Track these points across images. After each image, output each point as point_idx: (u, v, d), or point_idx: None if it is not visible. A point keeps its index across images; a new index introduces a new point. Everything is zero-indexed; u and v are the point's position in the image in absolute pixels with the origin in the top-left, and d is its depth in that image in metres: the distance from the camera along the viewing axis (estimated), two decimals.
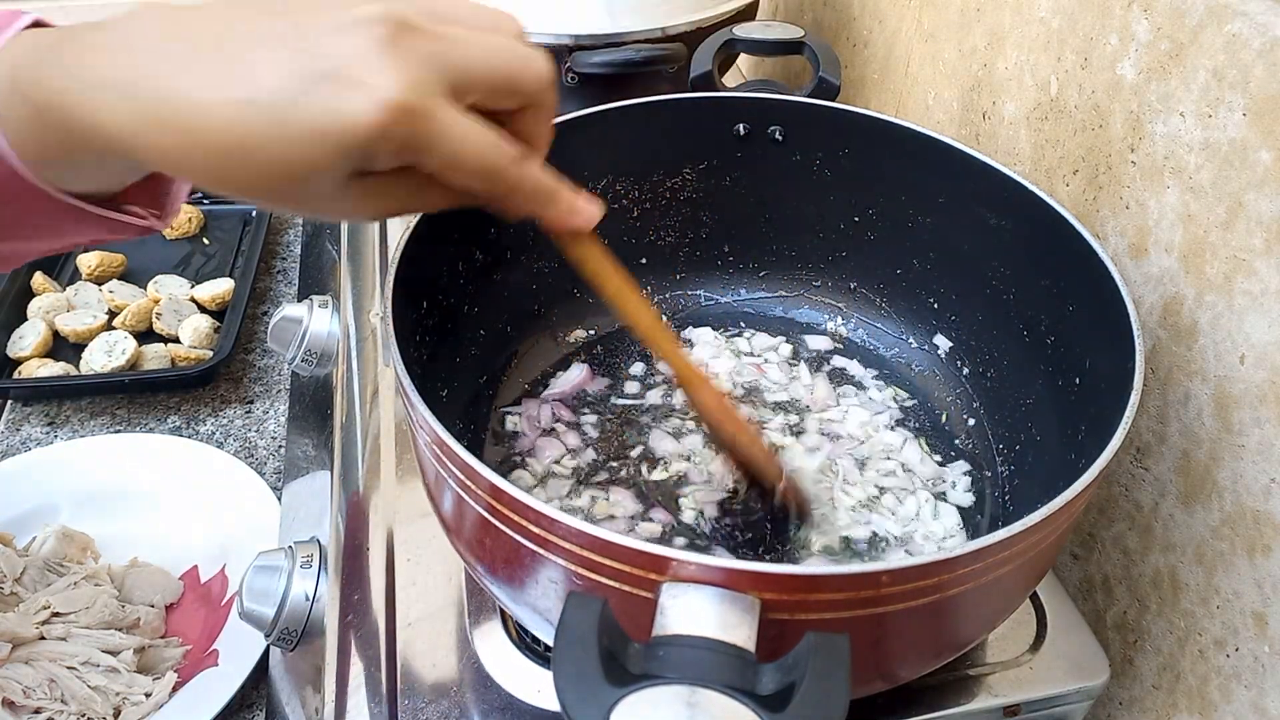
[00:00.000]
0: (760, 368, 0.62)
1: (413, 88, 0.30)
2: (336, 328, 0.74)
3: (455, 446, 0.36)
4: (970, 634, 0.42)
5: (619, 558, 0.32)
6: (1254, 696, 0.46)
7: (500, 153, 0.34)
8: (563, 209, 0.39)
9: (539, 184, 0.37)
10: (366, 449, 0.59)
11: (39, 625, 0.67)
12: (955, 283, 0.59)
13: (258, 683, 0.67)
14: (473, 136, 0.33)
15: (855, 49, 0.85)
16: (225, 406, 0.92)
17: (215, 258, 1.10)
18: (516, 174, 0.35)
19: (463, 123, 0.32)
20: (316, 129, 0.30)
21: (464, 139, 0.33)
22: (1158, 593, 0.52)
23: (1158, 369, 0.50)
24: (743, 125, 0.59)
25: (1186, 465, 0.49)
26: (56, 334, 0.97)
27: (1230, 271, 0.45)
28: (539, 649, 0.48)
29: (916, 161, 0.56)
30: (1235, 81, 0.43)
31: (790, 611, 0.32)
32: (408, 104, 0.30)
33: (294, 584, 0.54)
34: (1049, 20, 0.57)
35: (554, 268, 0.61)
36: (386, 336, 0.42)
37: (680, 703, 0.28)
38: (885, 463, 0.56)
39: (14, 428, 0.90)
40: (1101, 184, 0.54)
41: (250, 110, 0.30)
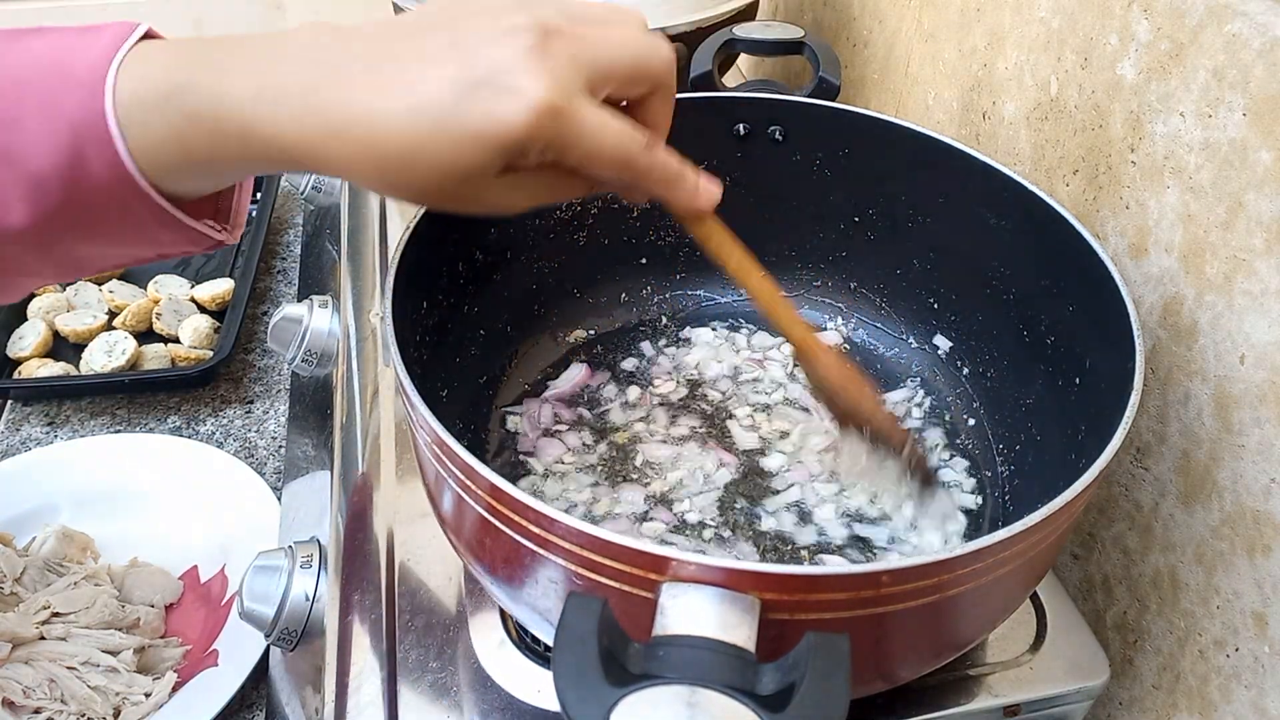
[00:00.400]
0: (763, 364, 0.62)
1: (558, 89, 0.33)
2: (336, 328, 0.74)
3: (455, 446, 0.36)
4: (970, 634, 0.42)
5: (619, 558, 0.32)
6: (1254, 696, 0.46)
7: (633, 142, 0.36)
8: (688, 190, 0.41)
9: (667, 168, 0.39)
10: (366, 449, 0.59)
11: (39, 625, 0.67)
12: (955, 283, 0.59)
13: (258, 683, 0.67)
14: (610, 130, 0.35)
15: (855, 49, 0.85)
16: (225, 406, 0.92)
17: (215, 258, 1.10)
18: (647, 161, 0.38)
19: (600, 117, 0.35)
20: (475, 132, 0.33)
21: (602, 133, 0.35)
22: (1158, 593, 0.52)
23: (1158, 369, 0.50)
24: (743, 125, 0.59)
25: (1186, 465, 0.49)
26: (56, 334, 0.97)
27: (1230, 271, 0.45)
28: (539, 649, 0.48)
29: (916, 161, 0.56)
30: (1235, 81, 0.43)
31: (790, 611, 0.32)
32: (554, 105, 0.33)
33: (294, 584, 0.54)
34: (1049, 20, 0.57)
35: (554, 267, 0.61)
36: (386, 336, 0.42)
37: (680, 703, 0.28)
38: None
39: (14, 428, 0.90)
40: (1101, 184, 0.54)
41: (418, 118, 0.33)
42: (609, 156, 0.36)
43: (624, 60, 0.36)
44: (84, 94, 0.34)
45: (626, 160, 0.37)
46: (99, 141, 0.34)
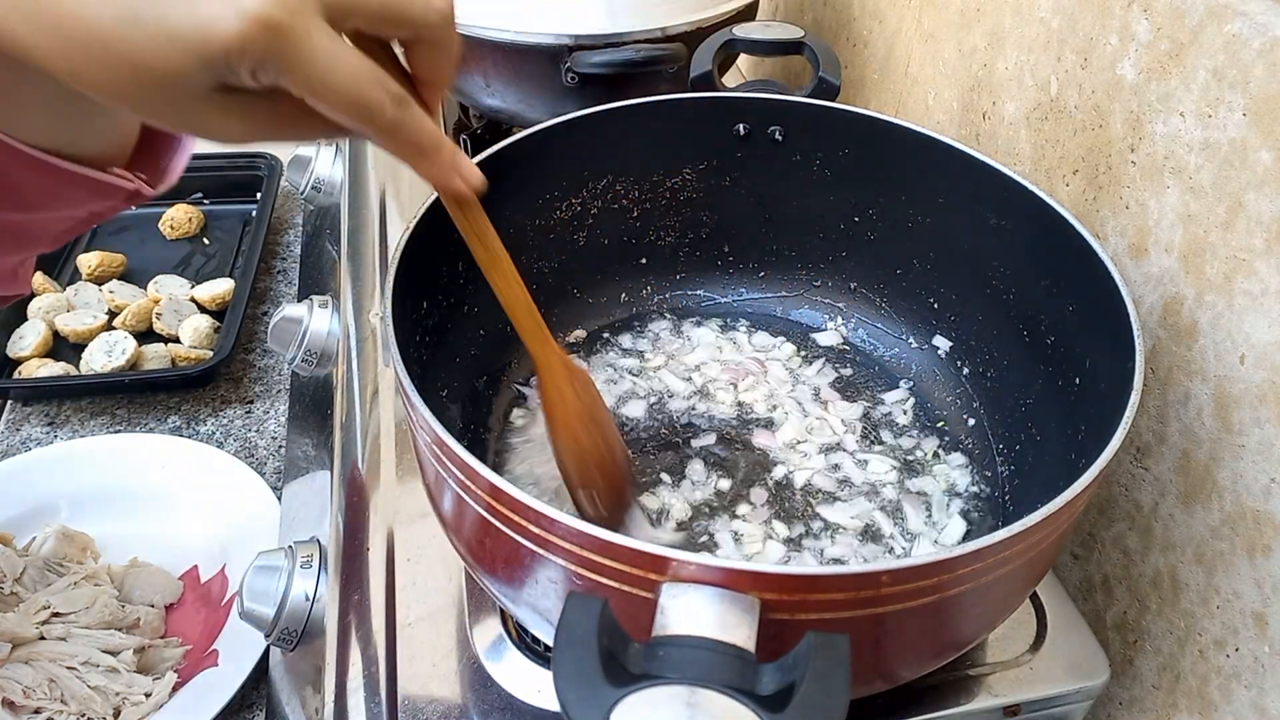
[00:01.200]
0: (764, 364, 0.62)
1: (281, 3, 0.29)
2: (336, 328, 0.74)
3: (455, 446, 0.36)
4: (970, 634, 0.42)
5: (619, 558, 0.32)
6: (1254, 696, 0.46)
7: (373, 88, 0.32)
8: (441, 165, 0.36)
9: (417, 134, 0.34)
10: (366, 449, 0.59)
11: (39, 625, 0.67)
12: (955, 283, 0.59)
13: (258, 683, 0.67)
14: (342, 65, 0.31)
15: (855, 49, 0.85)
16: (225, 406, 0.92)
17: (215, 258, 1.10)
18: (391, 116, 0.33)
19: (333, 48, 0.30)
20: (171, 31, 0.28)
21: (331, 66, 0.30)
22: (1158, 593, 0.52)
23: (1158, 369, 0.50)
24: (743, 125, 0.59)
25: (1186, 465, 0.49)
26: (56, 334, 0.97)
27: (1230, 271, 0.45)
28: (539, 649, 0.48)
29: (916, 161, 0.56)
30: (1235, 81, 0.43)
31: (790, 611, 0.32)
32: (270, 18, 0.28)
33: (294, 584, 0.54)
34: (1049, 20, 0.57)
35: (554, 268, 0.61)
36: (386, 336, 0.42)
37: (680, 703, 0.28)
38: (887, 460, 0.56)
39: (14, 428, 0.90)
40: (1101, 184, 0.54)
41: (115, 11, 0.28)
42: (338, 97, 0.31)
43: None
44: None
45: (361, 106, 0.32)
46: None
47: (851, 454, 0.56)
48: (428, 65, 0.35)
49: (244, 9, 0.28)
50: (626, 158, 0.59)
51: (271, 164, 1.15)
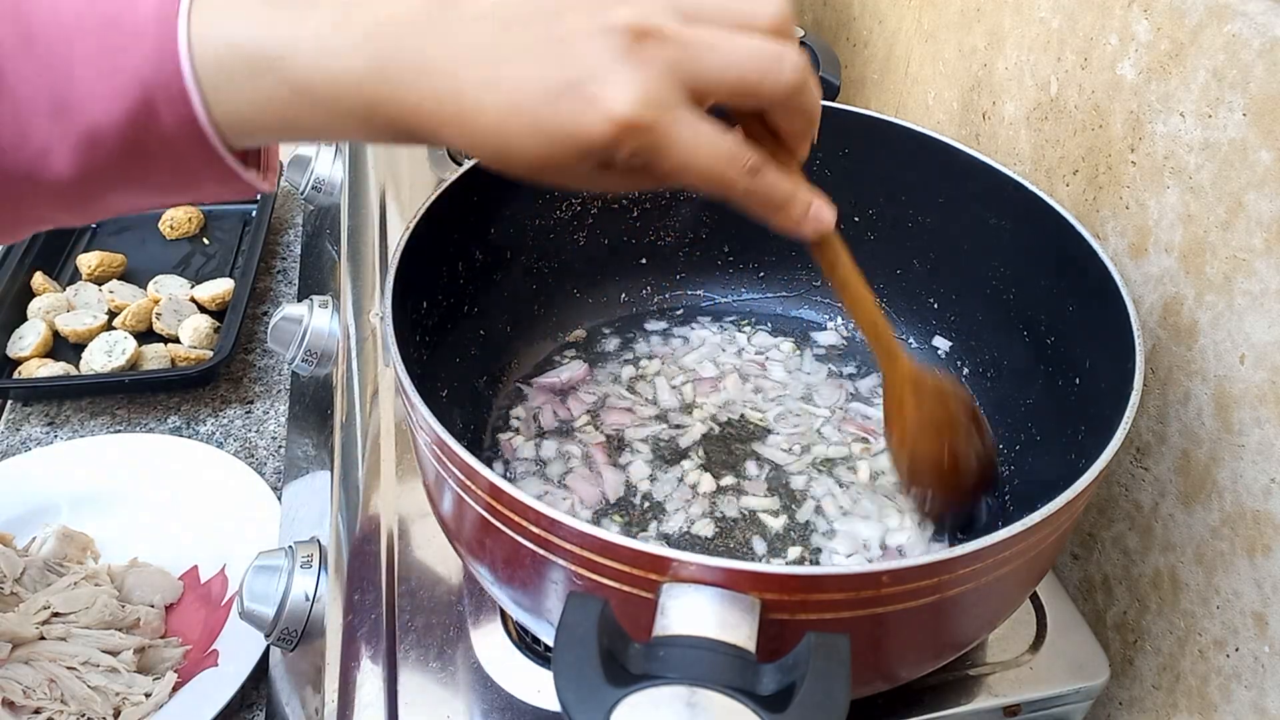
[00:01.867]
0: (763, 365, 0.62)
1: (644, 102, 0.32)
2: (336, 328, 0.74)
3: (455, 446, 0.36)
4: (970, 634, 0.42)
5: (619, 558, 0.32)
6: (1254, 696, 0.46)
7: (729, 164, 0.35)
8: (793, 217, 0.38)
9: (770, 196, 0.37)
10: (366, 449, 0.59)
11: (39, 625, 0.67)
12: (955, 283, 0.59)
13: (258, 683, 0.67)
14: (702, 150, 0.34)
15: (855, 49, 0.85)
16: (225, 406, 0.92)
17: (215, 258, 1.10)
18: (746, 185, 0.36)
19: (695, 133, 0.33)
20: (561, 135, 0.33)
21: (693, 150, 0.34)
22: (1158, 593, 0.52)
23: (1158, 369, 0.50)
24: None
25: (1186, 465, 0.49)
26: (56, 334, 0.96)
27: (1230, 271, 0.45)
28: (539, 649, 0.48)
29: (916, 161, 0.56)
30: (1235, 81, 0.43)
31: (790, 612, 0.32)
32: (637, 119, 0.32)
33: (294, 584, 0.54)
34: (1049, 20, 0.57)
35: (554, 268, 0.61)
36: (386, 336, 0.42)
37: (680, 703, 0.28)
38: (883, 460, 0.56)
39: (14, 428, 0.90)
40: (1101, 184, 0.54)
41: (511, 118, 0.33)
42: (698, 175, 0.34)
43: (731, 75, 0.34)
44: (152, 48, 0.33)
45: (719, 181, 0.35)
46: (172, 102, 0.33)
47: (851, 453, 0.56)
48: (786, 126, 0.38)
49: (611, 114, 0.32)
50: None
51: None
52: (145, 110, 0.33)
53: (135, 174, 0.35)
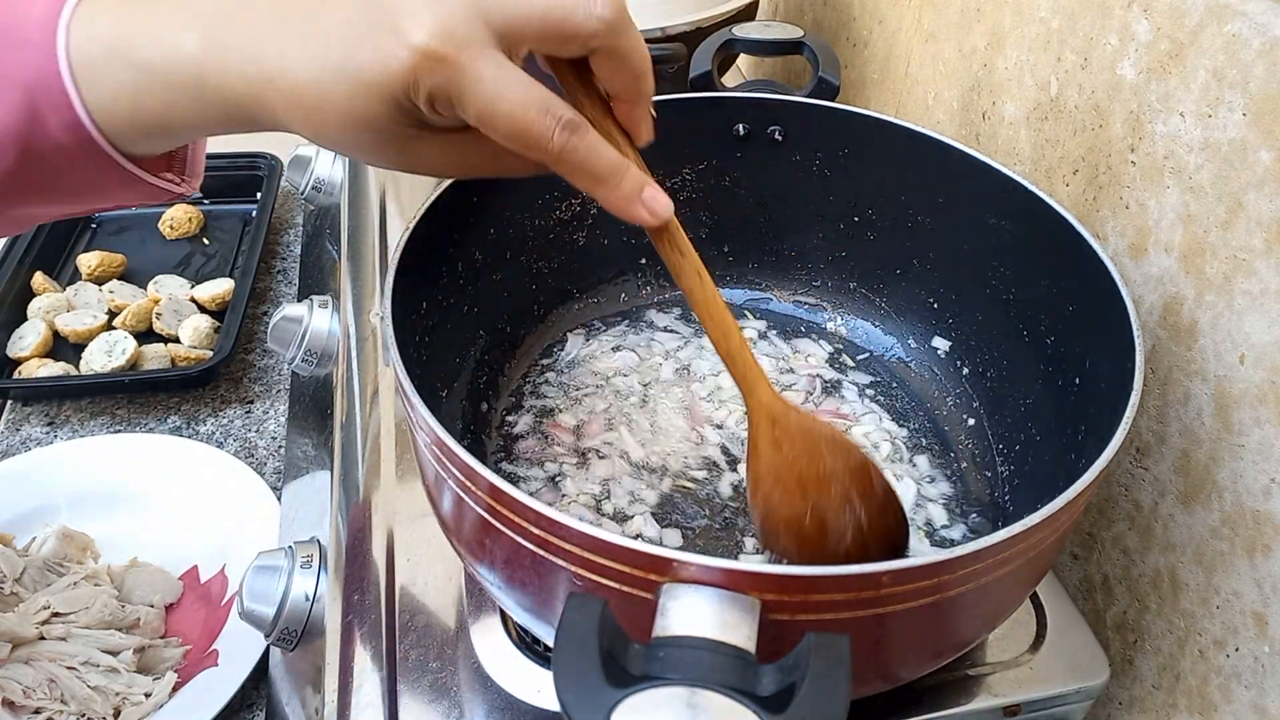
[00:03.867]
0: None
1: (445, 34, 0.30)
2: (336, 328, 0.74)
3: (455, 446, 0.36)
4: (970, 634, 0.42)
5: (619, 559, 0.32)
6: (1254, 696, 0.46)
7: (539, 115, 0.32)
8: (621, 193, 0.35)
9: (589, 160, 0.34)
10: (366, 449, 0.59)
11: (39, 625, 0.67)
12: (955, 283, 0.59)
13: (258, 683, 0.67)
14: (507, 93, 0.31)
15: (855, 49, 0.85)
16: (225, 406, 0.92)
17: (215, 258, 1.10)
18: (561, 143, 0.32)
19: (500, 77, 0.31)
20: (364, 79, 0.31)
21: (496, 94, 0.31)
22: (1158, 593, 0.52)
23: (1158, 369, 0.50)
24: (743, 125, 0.59)
25: (1186, 465, 0.49)
26: (56, 334, 0.97)
27: (1230, 271, 0.45)
28: (539, 649, 0.48)
29: (916, 161, 0.56)
30: (1235, 81, 0.43)
31: (790, 612, 0.32)
32: (437, 51, 0.30)
33: (294, 584, 0.54)
34: (1049, 20, 0.57)
35: (554, 268, 0.61)
36: (386, 336, 0.42)
37: (681, 704, 0.28)
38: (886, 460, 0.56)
39: (14, 428, 0.90)
40: (1101, 184, 0.54)
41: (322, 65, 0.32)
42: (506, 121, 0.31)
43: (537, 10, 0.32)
44: (35, 54, 0.33)
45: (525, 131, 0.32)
46: (55, 104, 0.33)
47: None
48: (610, 78, 0.35)
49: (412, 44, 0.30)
50: None
51: (271, 164, 1.15)
52: (32, 116, 0.33)
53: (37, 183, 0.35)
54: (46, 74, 0.33)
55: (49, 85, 0.33)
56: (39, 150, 0.34)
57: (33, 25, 0.33)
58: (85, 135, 0.34)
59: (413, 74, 0.31)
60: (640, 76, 0.36)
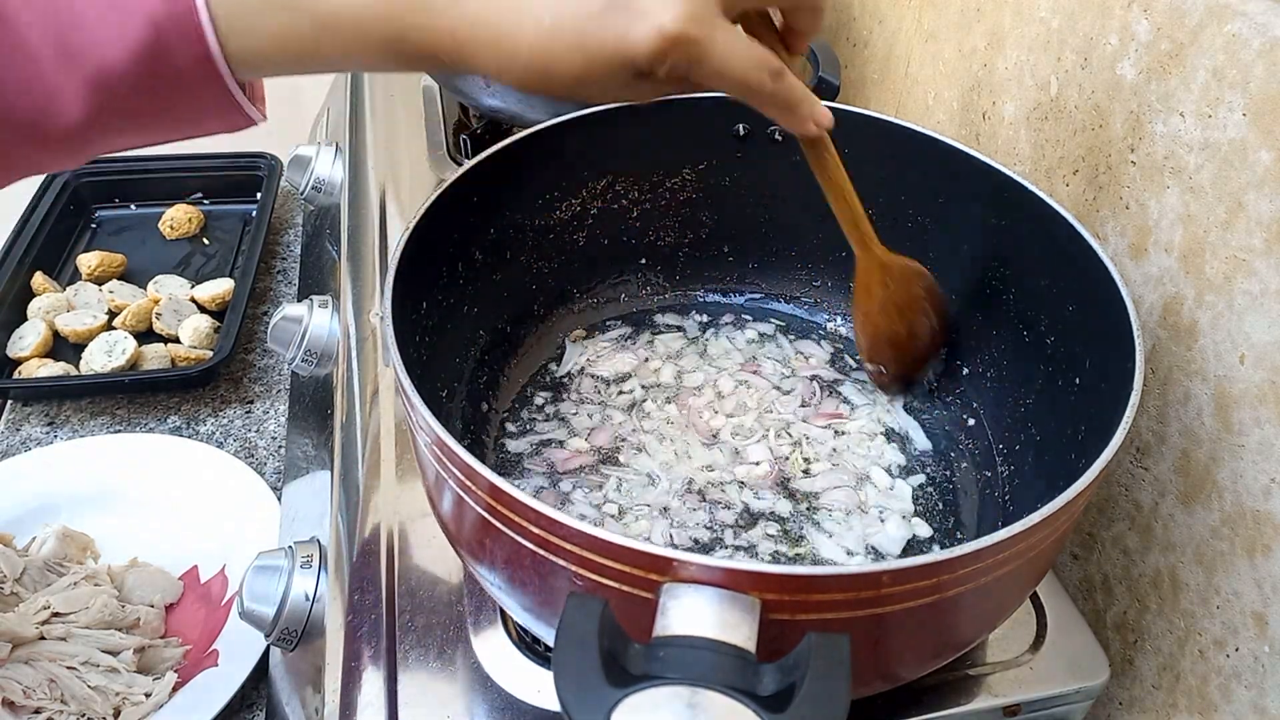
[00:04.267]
0: (759, 366, 0.62)
1: (687, 15, 0.35)
2: (336, 328, 0.74)
3: (455, 447, 0.36)
4: (970, 634, 0.42)
5: (619, 558, 0.32)
6: (1254, 696, 0.46)
7: (760, 71, 0.38)
8: (802, 115, 0.42)
9: (788, 98, 0.40)
10: (366, 449, 0.59)
11: (39, 625, 0.67)
12: (955, 283, 0.59)
13: (258, 683, 0.67)
14: (736, 57, 0.37)
15: (855, 49, 0.85)
16: (225, 406, 0.92)
17: (215, 258, 1.10)
18: (771, 89, 0.39)
19: (730, 44, 0.37)
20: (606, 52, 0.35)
21: (728, 60, 0.37)
22: (1158, 593, 0.52)
23: (1158, 369, 0.50)
24: (742, 125, 0.59)
25: (1186, 465, 0.49)
26: (56, 334, 0.96)
27: (1230, 271, 0.45)
28: (539, 649, 0.48)
29: (916, 161, 0.56)
30: (1235, 81, 0.43)
31: (791, 612, 0.32)
32: (682, 33, 0.35)
33: (294, 584, 0.54)
34: (1049, 20, 0.57)
35: (554, 268, 0.61)
36: (386, 336, 0.42)
37: (681, 703, 0.28)
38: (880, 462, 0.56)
39: (14, 428, 0.90)
40: (1101, 184, 0.54)
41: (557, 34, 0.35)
42: (733, 81, 0.37)
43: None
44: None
45: (749, 86, 0.38)
46: (186, 37, 0.34)
47: (850, 453, 0.56)
48: (802, 22, 0.42)
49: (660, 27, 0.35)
50: (626, 158, 0.60)
51: (271, 164, 1.15)
52: (157, 49, 0.33)
53: (142, 113, 0.36)
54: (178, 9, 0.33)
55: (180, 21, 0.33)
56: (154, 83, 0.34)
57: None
58: (212, 71, 0.35)
59: (660, 53, 0.35)
60: (821, 18, 0.43)
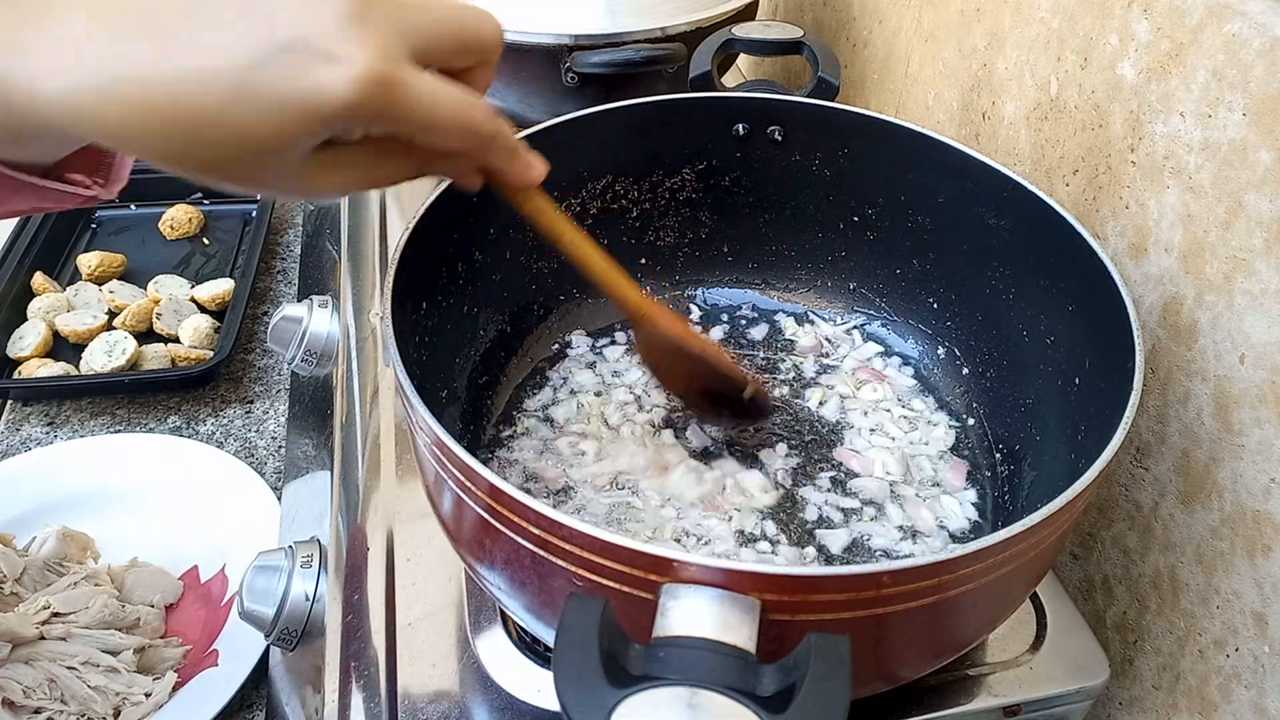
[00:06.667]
0: (761, 366, 0.62)
1: (384, 57, 0.30)
2: (336, 328, 0.74)
3: (455, 447, 0.36)
4: (970, 634, 0.42)
5: (619, 559, 0.32)
6: (1254, 696, 0.46)
7: (475, 109, 0.35)
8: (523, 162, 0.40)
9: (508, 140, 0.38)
10: (366, 449, 0.59)
11: (39, 625, 0.67)
12: (955, 283, 0.59)
13: (258, 683, 0.67)
14: (443, 97, 0.33)
15: (855, 49, 0.85)
16: (225, 406, 0.92)
17: (215, 258, 1.10)
18: (492, 128, 0.36)
19: (434, 85, 0.33)
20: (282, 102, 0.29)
21: (436, 101, 0.33)
22: (1158, 593, 0.52)
23: (1158, 369, 0.50)
24: (742, 125, 0.59)
25: (1186, 465, 0.49)
26: (56, 334, 0.97)
27: (1230, 271, 0.45)
28: (539, 649, 0.48)
29: (916, 161, 0.56)
30: (1235, 81, 0.43)
31: (791, 612, 0.32)
32: (382, 74, 0.30)
33: (294, 584, 0.54)
34: (1049, 20, 0.57)
35: (554, 268, 0.61)
36: (386, 336, 0.42)
37: (681, 704, 0.28)
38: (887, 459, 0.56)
39: (14, 428, 0.90)
40: (1101, 184, 0.54)
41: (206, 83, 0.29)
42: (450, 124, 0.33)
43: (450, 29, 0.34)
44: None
45: (470, 128, 0.34)
46: None
47: (850, 452, 0.56)
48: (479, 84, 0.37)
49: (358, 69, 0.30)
50: (626, 158, 0.59)
51: None
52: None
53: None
54: None
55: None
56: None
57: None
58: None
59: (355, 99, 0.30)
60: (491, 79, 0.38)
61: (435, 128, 0.33)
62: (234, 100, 0.29)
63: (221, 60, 0.29)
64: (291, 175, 0.32)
